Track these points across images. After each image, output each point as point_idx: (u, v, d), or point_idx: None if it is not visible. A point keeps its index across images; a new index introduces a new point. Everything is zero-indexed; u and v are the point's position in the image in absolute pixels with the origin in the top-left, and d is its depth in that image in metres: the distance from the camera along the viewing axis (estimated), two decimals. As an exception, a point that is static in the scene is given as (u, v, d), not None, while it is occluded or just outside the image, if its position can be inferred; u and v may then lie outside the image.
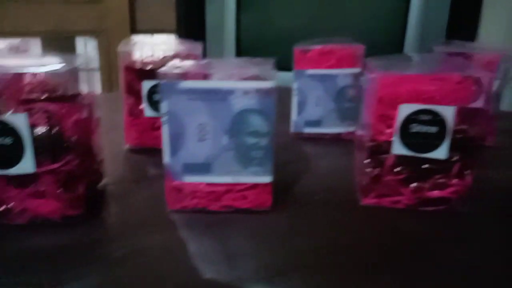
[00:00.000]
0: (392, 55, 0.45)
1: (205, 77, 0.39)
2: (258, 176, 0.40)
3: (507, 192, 0.48)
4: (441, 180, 0.42)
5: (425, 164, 0.41)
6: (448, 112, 0.39)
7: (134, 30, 2.66)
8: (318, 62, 0.62)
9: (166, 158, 0.40)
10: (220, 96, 0.38)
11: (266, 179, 0.40)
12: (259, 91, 0.38)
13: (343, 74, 0.62)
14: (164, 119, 0.39)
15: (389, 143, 0.41)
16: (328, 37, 0.63)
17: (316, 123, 0.64)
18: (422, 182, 0.42)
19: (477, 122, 0.58)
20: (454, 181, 0.41)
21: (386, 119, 0.41)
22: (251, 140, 0.39)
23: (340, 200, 0.45)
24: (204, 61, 0.43)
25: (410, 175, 0.42)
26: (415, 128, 0.40)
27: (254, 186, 0.41)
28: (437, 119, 0.39)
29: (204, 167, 0.40)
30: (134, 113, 0.58)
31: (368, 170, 0.43)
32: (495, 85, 0.61)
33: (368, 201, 0.43)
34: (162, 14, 2.31)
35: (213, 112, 0.38)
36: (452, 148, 0.40)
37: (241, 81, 0.38)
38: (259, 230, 0.39)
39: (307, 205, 0.44)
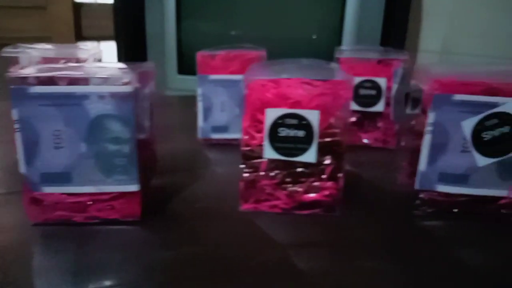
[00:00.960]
0: (282, 59, 0.45)
1: (70, 81, 0.37)
2: (123, 185, 0.39)
3: (388, 194, 0.49)
4: (315, 184, 0.42)
5: (297, 167, 0.41)
6: (313, 116, 0.39)
7: (80, 37, 2.59)
8: (222, 67, 0.62)
9: (22, 167, 0.37)
10: (74, 101, 0.36)
11: (133, 187, 0.39)
12: (115, 95, 0.36)
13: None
14: (16, 126, 0.36)
15: (261, 148, 0.41)
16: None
17: (223, 128, 0.63)
18: (296, 185, 0.42)
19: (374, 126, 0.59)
20: (328, 184, 0.42)
21: (257, 123, 0.41)
22: (112, 147, 0.37)
23: (219, 207, 0.44)
24: (75, 65, 0.42)
25: (284, 179, 0.42)
26: (283, 132, 0.40)
27: (122, 195, 0.39)
28: (303, 123, 0.39)
29: (63, 177, 0.38)
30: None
31: (245, 175, 0.42)
32: (394, 89, 0.63)
33: (247, 206, 0.43)
34: (107, 20, 2.25)
35: (68, 118, 0.36)
36: (322, 152, 0.40)
37: (96, 86, 0.36)
38: (125, 242, 0.38)
39: (183, 214, 0.43)
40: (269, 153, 0.40)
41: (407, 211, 0.43)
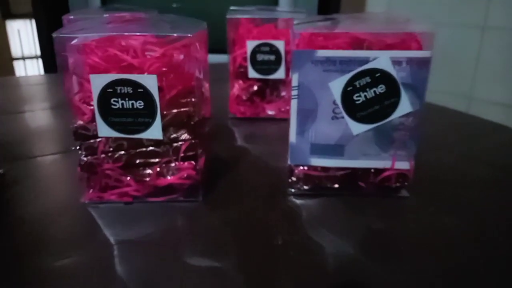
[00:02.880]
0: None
1: None
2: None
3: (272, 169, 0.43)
4: (170, 165, 0.35)
5: (147, 146, 0.34)
6: (151, 82, 0.32)
7: (8, 14, 2.37)
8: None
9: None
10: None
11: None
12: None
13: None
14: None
15: (95, 124, 0.33)
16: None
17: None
18: (146, 168, 0.35)
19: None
20: (185, 164, 0.35)
21: (87, 93, 0.33)
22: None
23: (57, 200, 0.36)
24: None
25: (132, 161, 0.35)
26: (117, 103, 0.32)
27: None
28: (139, 92, 0.32)
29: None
30: None
31: (82, 159, 0.35)
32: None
33: (90, 196, 0.35)
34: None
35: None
36: (173, 126, 0.33)
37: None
38: None
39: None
40: (104, 131, 0.33)
41: (282, 190, 0.37)
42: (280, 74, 0.56)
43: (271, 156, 0.46)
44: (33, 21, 2.44)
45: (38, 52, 1.98)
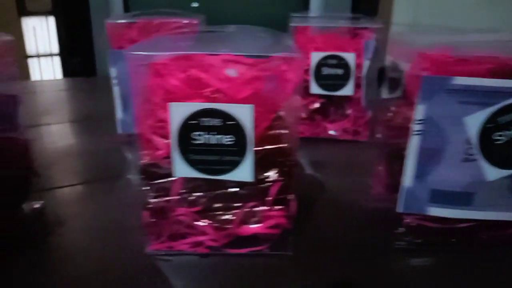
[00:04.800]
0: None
1: None
2: None
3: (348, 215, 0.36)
4: (255, 210, 0.29)
5: (228, 187, 0.28)
6: (244, 114, 0.25)
7: (23, 11, 2.32)
8: (141, 40, 0.47)
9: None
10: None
11: None
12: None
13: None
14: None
15: (169, 161, 0.27)
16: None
17: (150, 121, 0.49)
18: (229, 214, 0.28)
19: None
20: (274, 210, 0.28)
21: (161, 124, 0.27)
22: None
23: (127, 246, 0.30)
24: None
25: (210, 205, 0.28)
26: (200, 138, 0.26)
27: None
28: (229, 124, 0.25)
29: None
30: None
31: (151, 201, 0.28)
32: (365, 67, 0.50)
33: (157, 246, 0.29)
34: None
35: None
36: (263, 165, 0.27)
37: None
38: None
39: (60, 258, 0.29)
40: (181, 170, 0.27)
41: (385, 243, 0.31)
42: (347, 90, 0.49)
43: (353, 192, 0.39)
44: (49, 19, 2.40)
45: (54, 50, 1.93)
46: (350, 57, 0.48)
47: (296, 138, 0.28)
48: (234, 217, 0.28)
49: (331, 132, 0.52)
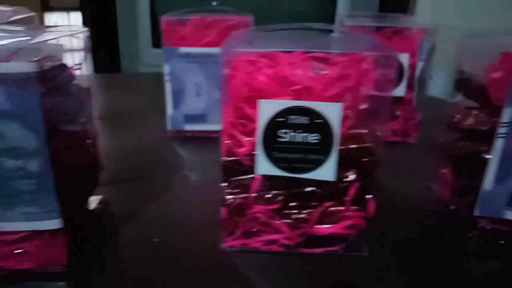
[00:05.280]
0: (272, 25, 0.31)
1: None
2: (33, 221, 0.24)
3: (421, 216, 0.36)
4: (331, 209, 0.28)
5: (306, 186, 0.28)
6: (333, 112, 0.25)
7: (47, 7, 2.35)
8: (196, 37, 0.47)
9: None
10: None
11: (50, 224, 0.25)
12: (6, 80, 0.21)
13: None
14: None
15: (252, 158, 0.27)
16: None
17: (199, 118, 0.49)
18: (305, 213, 0.28)
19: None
20: (351, 210, 0.28)
21: (245, 121, 0.27)
22: (10, 163, 0.23)
23: (190, 244, 0.30)
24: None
25: (286, 204, 0.28)
26: (286, 136, 0.26)
27: (34, 235, 0.25)
28: (316, 123, 0.25)
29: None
30: None
31: (228, 197, 0.28)
32: (419, 68, 0.49)
33: (232, 243, 0.29)
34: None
35: None
36: (345, 164, 0.27)
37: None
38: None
39: (132, 256, 0.29)
40: (264, 167, 0.27)
41: (458, 246, 0.30)
42: (399, 91, 0.49)
43: (416, 195, 0.38)
44: (70, 14, 2.41)
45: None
46: (404, 58, 0.48)
47: (380, 137, 0.27)
48: (310, 216, 0.28)
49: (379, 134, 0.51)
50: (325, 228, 0.28)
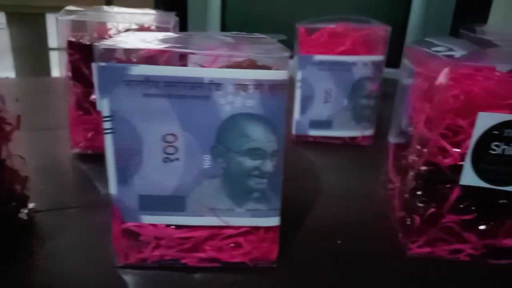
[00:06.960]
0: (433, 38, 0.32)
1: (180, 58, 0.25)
2: (257, 217, 0.26)
3: None
4: (522, 222, 0.29)
5: (500, 199, 0.28)
6: (552, 126, 0.26)
7: (110, 4, 2.44)
8: (328, 45, 0.48)
9: (113, 187, 0.25)
10: (202, 91, 0.23)
11: (271, 221, 0.26)
12: (261, 86, 0.23)
13: (361, 62, 0.48)
14: (107, 124, 0.24)
15: (456, 169, 0.27)
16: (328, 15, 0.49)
17: (325, 124, 0.50)
18: (494, 225, 0.29)
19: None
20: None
21: (455, 133, 0.27)
22: (249, 163, 0.25)
23: (375, 248, 0.31)
24: (178, 35, 0.28)
25: (480, 215, 0.29)
26: (498, 149, 0.26)
27: (251, 231, 0.27)
28: (534, 137, 0.26)
29: (173, 203, 0.25)
30: (83, 106, 0.43)
31: (421, 205, 0.29)
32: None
33: (417, 250, 0.30)
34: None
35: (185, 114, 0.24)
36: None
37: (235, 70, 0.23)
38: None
39: (325, 256, 0.30)
40: (469, 178, 0.27)
41: None
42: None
43: None
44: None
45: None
46: None
47: None
48: (500, 229, 0.29)
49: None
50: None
